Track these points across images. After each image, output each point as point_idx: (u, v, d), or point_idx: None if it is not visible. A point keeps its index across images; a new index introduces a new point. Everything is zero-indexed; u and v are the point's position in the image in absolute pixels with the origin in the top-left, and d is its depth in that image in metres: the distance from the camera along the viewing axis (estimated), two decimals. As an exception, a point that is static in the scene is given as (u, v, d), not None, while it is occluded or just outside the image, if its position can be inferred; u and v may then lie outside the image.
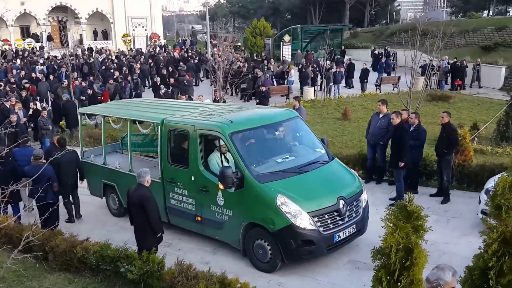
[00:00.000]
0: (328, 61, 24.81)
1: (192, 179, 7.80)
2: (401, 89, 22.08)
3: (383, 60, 29.16)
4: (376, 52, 33.98)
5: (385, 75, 26.56)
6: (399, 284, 3.46)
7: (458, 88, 25.73)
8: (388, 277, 3.50)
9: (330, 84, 23.53)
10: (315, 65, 26.95)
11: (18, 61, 31.03)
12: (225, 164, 7.51)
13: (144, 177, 6.87)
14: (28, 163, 8.90)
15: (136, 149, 10.38)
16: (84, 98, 19.38)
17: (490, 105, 21.49)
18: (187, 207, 8.04)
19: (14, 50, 36.46)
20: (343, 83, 25.39)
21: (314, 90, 23.98)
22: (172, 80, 22.33)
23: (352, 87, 26.10)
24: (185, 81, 22.96)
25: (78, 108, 18.56)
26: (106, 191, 9.90)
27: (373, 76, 26.55)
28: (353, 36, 47.10)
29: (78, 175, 9.83)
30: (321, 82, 23.79)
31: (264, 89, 19.90)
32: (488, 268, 3.40)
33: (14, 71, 24.90)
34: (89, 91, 19.20)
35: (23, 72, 24.58)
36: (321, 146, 8.44)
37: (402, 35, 17.05)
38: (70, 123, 16.53)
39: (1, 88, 19.49)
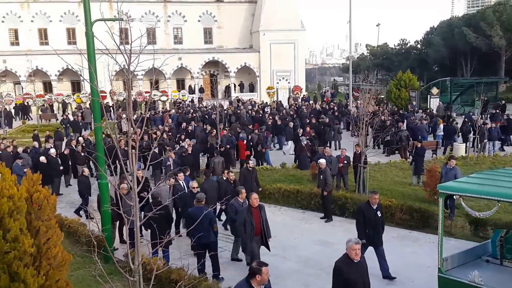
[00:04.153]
0: (481, 116, 22.80)
1: None
2: None
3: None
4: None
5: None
6: None
7: None
8: None
9: (485, 140, 21.47)
10: (467, 120, 24.98)
11: (173, 111, 34.34)
12: None
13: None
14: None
15: None
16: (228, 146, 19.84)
17: None
18: None
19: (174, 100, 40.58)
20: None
21: (466, 147, 22.05)
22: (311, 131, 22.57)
23: (510, 144, 23.50)
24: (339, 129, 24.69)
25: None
26: None
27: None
28: (510, 90, 43.01)
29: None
30: (474, 138, 21.82)
31: (419, 145, 17.59)
32: None
33: (170, 120, 27.47)
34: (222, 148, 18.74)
35: (184, 124, 26.50)
36: None
37: None
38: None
39: (156, 134, 21.55)
